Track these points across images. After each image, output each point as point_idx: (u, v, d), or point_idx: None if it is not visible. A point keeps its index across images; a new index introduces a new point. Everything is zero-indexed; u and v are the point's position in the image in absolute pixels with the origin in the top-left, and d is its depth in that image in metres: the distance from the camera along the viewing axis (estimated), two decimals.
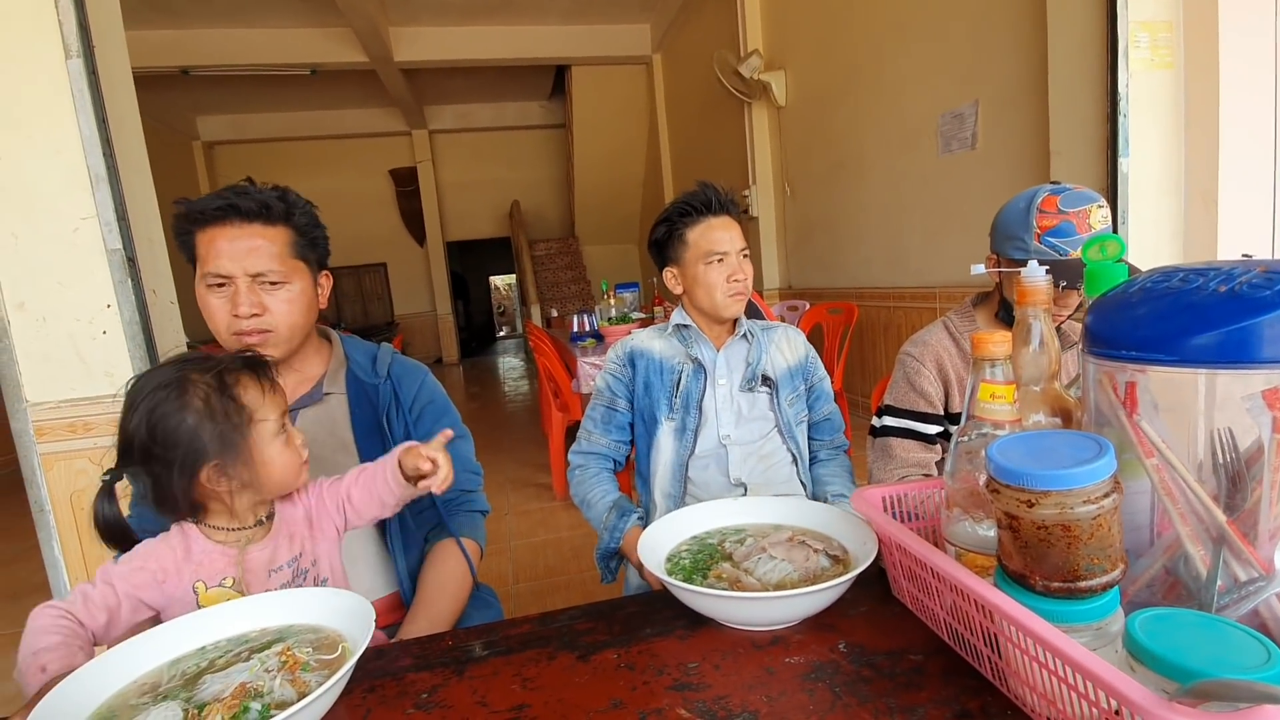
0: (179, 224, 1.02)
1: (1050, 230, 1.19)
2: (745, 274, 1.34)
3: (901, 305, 4.09)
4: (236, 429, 0.80)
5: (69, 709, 0.61)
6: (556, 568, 2.71)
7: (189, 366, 0.81)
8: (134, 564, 0.80)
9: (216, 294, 1.01)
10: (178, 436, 0.78)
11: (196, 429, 0.78)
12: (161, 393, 0.79)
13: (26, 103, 1.68)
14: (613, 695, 0.67)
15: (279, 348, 1.05)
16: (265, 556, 0.86)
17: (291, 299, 1.04)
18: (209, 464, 0.79)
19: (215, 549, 0.83)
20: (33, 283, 1.75)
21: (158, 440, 0.78)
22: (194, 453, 0.78)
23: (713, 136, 6.39)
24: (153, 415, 0.78)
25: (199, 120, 9.01)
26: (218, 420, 0.79)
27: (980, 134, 3.37)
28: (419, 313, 10.46)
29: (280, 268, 1.02)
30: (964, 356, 1.35)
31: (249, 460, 0.82)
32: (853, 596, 0.80)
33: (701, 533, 0.91)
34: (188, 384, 0.80)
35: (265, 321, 1.02)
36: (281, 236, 1.04)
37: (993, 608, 0.56)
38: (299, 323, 1.06)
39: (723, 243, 1.32)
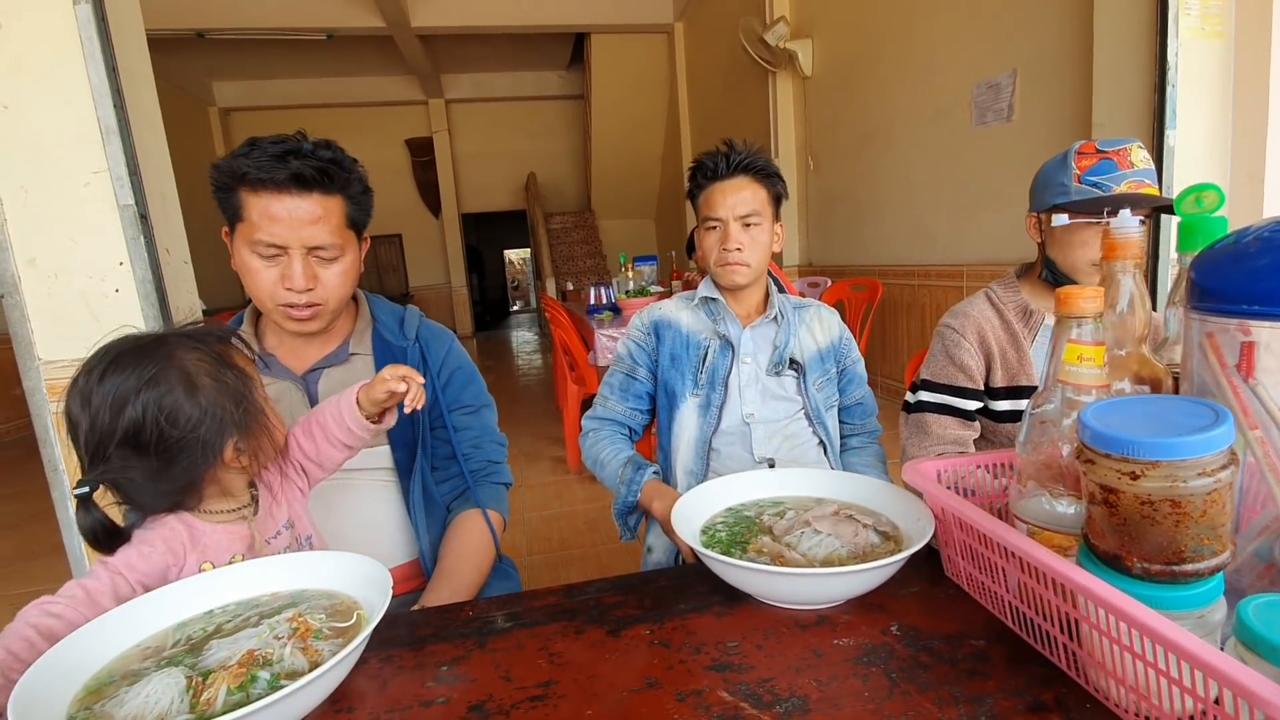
0: (222, 178, 0.93)
1: (1091, 169, 1.14)
2: (743, 243, 1.24)
3: (927, 284, 3.98)
4: (250, 400, 0.77)
5: (65, 672, 0.57)
6: (571, 540, 2.68)
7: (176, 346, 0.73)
8: (141, 550, 0.73)
9: (265, 262, 0.94)
10: (196, 418, 0.72)
11: (216, 406, 0.73)
12: (164, 377, 0.71)
13: (33, 50, 1.62)
14: (647, 674, 0.62)
15: (324, 320, 1.01)
16: (262, 525, 0.82)
17: (344, 271, 0.99)
18: (233, 439, 0.75)
19: (219, 529, 0.78)
20: (43, 238, 1.70)
21: (177, 428, 0.70)
22: (218, 430, 0.73)
23: (734, 108, 6.23)
24: (162, 405, 0.70)
25: (215, 86, 8.93)
26: (231, 391, 0.75)
27: (1017, 105, 3.23)
28: (433, 285, 10.42)
29: (338, 241, 0.96)
30: (1007, 329, 1.28)
31: (264, 428, 0.78)
32: (902, 576, 0.74)
33: (737, 504, 0.85)
34: (186, 366, 0.73)
35: (316, 295, 0.96)
36: (338, 207, 0.97)
37: (1083, 591, 0.50)
38: (347, 295, 1.02)
39: (719, 208, 1.25)
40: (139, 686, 0.55)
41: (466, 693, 0.61)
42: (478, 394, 1.18)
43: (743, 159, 1.25)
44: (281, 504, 0.86)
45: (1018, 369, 1.25)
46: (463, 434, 1.14)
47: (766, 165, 1.27)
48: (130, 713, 0.53)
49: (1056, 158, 1.20)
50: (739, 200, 1.24)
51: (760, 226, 1.25)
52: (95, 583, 0.68)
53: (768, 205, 1.27)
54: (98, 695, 0.56)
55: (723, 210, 1.25)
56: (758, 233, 1.25)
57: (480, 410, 1.19)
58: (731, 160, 1.25)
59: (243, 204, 0.92)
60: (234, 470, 0.78)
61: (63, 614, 0.64)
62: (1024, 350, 1.25)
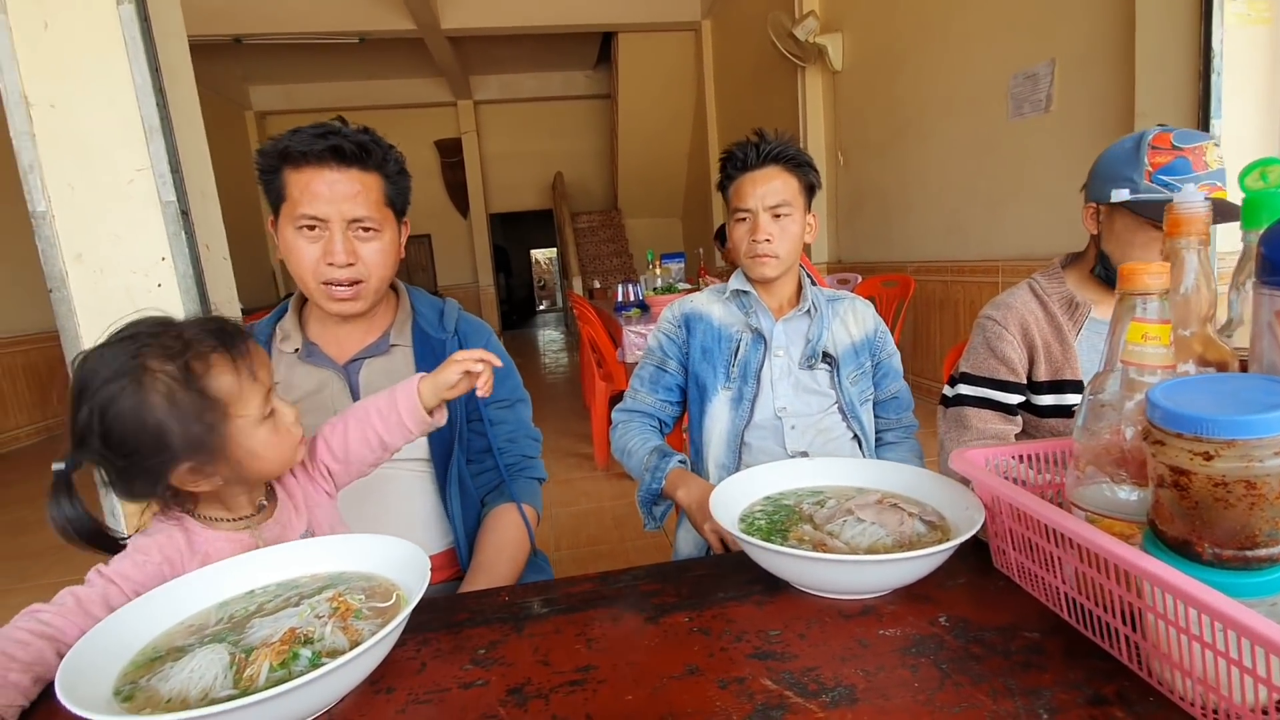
0: (267, 161, 0.96)
1: (1163, 168, 1.07)
2: (772, 234, 1.21)
3: (960, 279, 3.90)
4: (210, 428, 0.67)
5: (111, 647, 0.58)
6: (598, 536, 2.68)
7: (148, 349, 0.65)
8: (136, 559, 0.68)
9: (308, 237, 0.95)
10: (139, 438, 0.64)
11: (161, 429, 0.64)
12: (115, 385, 0.64)
13: (78, 49, 1.66)
14: (687, 660, 0.61)
15: (367, 300, 1.01)
16: (276, 533, 0.78)
17: (384, 249, 1.00)
18: (180, 467, 0.67)
19: (221, 536, 0.73)
20: (89, 234, 1.75)
21: (114, 440, 0.64)
22: (160, 454, 0.65)
23: (762, 105, 6.18)
24: (107, 412, 0.63)
25: (251, 90, 9.14)
26: (186, 419, 0.65)
27: (1056, 96, 3.15)
28: (461, 284, 10.52)
29: (377, 215, 0.97)
30: (1051, 321, 1.24)
31: (229, 457, 0.69)
32: (948, 567, 0.72)
33: (775, 493, 0.84)
34: (145, 374, 0.64)
35: (358, 271, 0.97)
36: (376, 183, 0.98)
37: (1152, 579, 0.47)
38: (387, 275, 1.03)
39: (748, 199, 1.23)
40: (184, 662, 0.56)
41: (505, 676, 0.60)
42: (514, 389, 1.18)
43: (773, 149, 1.23)
44: (302, 512, 0.81)
45: (1062, 362, 1.21)
46: (498, 428, 1.14)
47: (798, 154, 1.24)
48: (176, 687, 0.54)
49: (1127, 145, 1.11)
50: (769, 190, 1.22)
51: (790, 217, 1.23)
52: (88, 590, 0.66)
53: (799, 195, 1.24)
54: (144, 670, 0.57)
55: (752, 201, 1.23)
56: (788, 223, 1.23)
57: (515, 405, 1.19)
58: (761, 150, 1.23)
59: (286, 183, 0.95)
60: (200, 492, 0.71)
61: (52, 622, 0.62)
62: (1069, 343, 1.21)
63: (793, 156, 1.24)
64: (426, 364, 1.07)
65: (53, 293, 1.75)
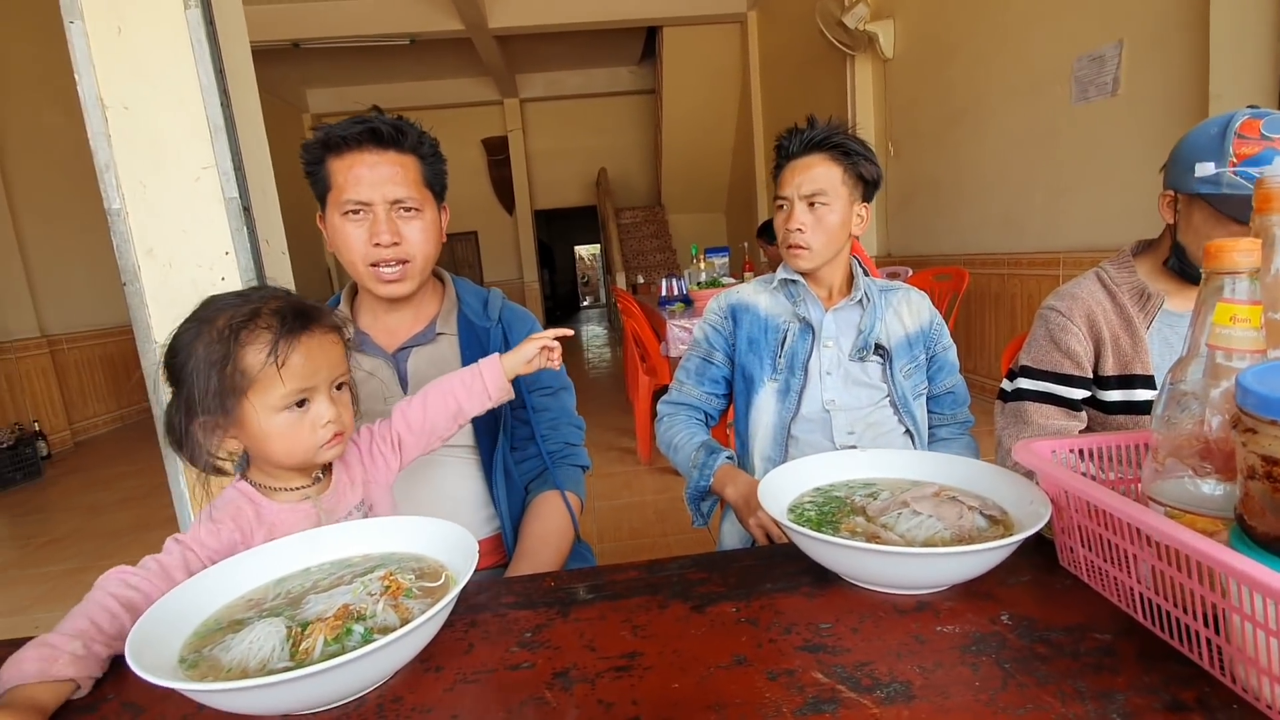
0: (312, 153, 1.00)
1: (1249, 159, 0.98)
2: (804, 224, 1.18)
3: (1017, 273, 3.74)
4: (227, 394, 0.70)
5: (176, 618, 0.61)
6: (640, 530, 2.68)
7: (228, 308, 0.71)
8: (212, 527, 0.72)
9: (354, 221, 0.99)
10: (179, 377, 0.71)
11: (193, 377, 0.69)
12: (189, 324, 0.71)
13: (150, 53, 1.74)
14: (734, 650, 0.59)
15: (414, 280, 1.04)
16: (333, 503, 0.81)
17: (425, 228, 1.02)
18: (197, 419, 0.71)
19: (283, 508, 0.76)
20: (159, 230, 1.84)
21: (170, 371, 0.72)
22: (187, 399, 0.70)
23: (809, 97, 6.06)
24: (175, 341, 0.71)
25: (308, 93, 9.46)
26: (209, 376, 0.69)
27: (1123, 78, 2.99)
28: (507, 280, 10.68)
29: (417, 195, 1.01)
30: (1120, 313, 1.17)
31: (244, 429, 0.72)
32: (1011, 564, 0.69)
33: (825, 484, 0.81)
34: (208, 326, 0.70)
35: (403, 251, 1.00)
36: (414, 164, 1.02)
37: (1241, 578, 0.44)
38: (431, 254, 1.05)
39: (787, 186, 1.20)
40: (243, 634, 0.58)
41: (551, 659, 0.60)
42: (556, 376, 1.18)
43: (815, 135, 1.19)
44: (358, 486, 0.84)
45: (1131, 356, 1.14)
46: (541, 415, 1.15)
47: (844, 142, 1.19)
48: (236, 657, 0.55)
49: (1212, 131, 1.01)
50: (806, 179, 1.18)
51: (829, 207, 1.18)
52: (168, 557, 0.69)
53: (841, 185, 1.19)
54: (206, 640, 0.59)
55: (790, 189, 1.20)
56: (824, 213, 1.18)
57: (559, 392, 1.19)
58: (805, 137, 1.20)
59: (330, 171, 0.99)
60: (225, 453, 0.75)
61: (139, 586, 0.65)
62: (1139, 336, 1.14)
63: (839, 144, 1.19)
64: (471, 352, 1.08)
65: (126, 286, 1.84)
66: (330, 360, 0.76)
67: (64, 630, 0.60)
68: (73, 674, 0.57)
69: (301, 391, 0.73)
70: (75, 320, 5.21)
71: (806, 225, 1.18)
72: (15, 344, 4.60)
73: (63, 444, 4.89)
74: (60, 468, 4.47)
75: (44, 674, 0.56)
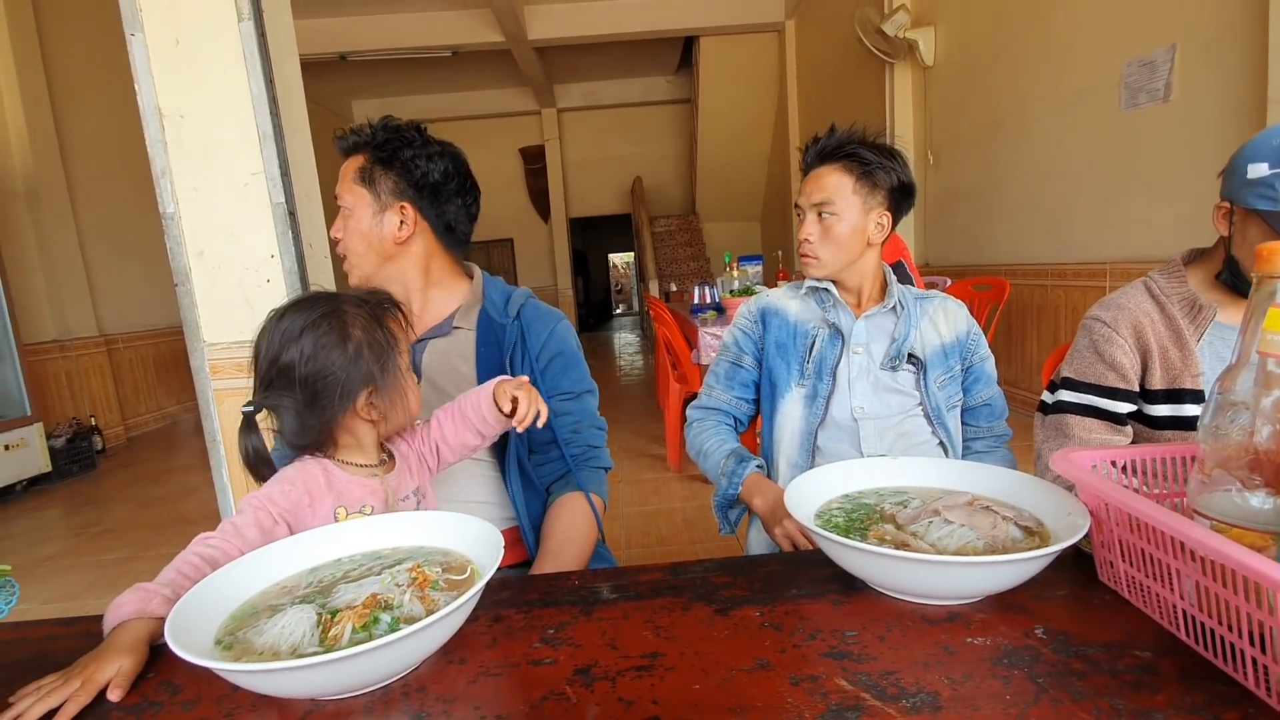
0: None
1: None
2: (812, 234, 1.19)
3: (1062, 284, 3.64)
4: (390, 357, 0.83)
5: (214, 602, 0.63)
6: (669, 537, 2.67)
7: (343, 302, 0.84)
8: (283, 486, 0.80)
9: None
10: (341, 364, 0.80)
11: (358, 356, 0.81)
12: (324, 324, 0.81)
13: (206, 65, 1.82)
14: (757, 655, 0.59)
15: (353, 274, 1.11)
16: (394, 485, 0.87)
17: (352, 226, 1.08)
18: (367, 389, 0.82)
19: (353, 480, 0.84)
20: (209, 233, 1.91)
21: (321, 368, 0.80)
22: (355, 378, 0.81)
23: (847, 105, 6.01)
24: (318, 344, 0.80)
25: (354, 104, 9.75)
26: (376, 348, 0.82)
27: (1176, 84, 2.89)
28: (541, 286, 10.79)
29: (347, 194, 1.08)
30: (1169, 324, 1.12)
31: (395, 388, 0.84)
32: (1047, 577, 0.67)
33: (854, 491, 0.80)
34: (347, 315, 0.82)
35: (342, 247, 1.10)
36: (354, 164, 1.08)
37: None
38: (357, 249, 1.09)
39: (802, 196, 1.22)
40: (277, 619, 0.59)
41: (573, 656, 0.61)
42: (578, 379, 1.18)
43: (825, 145, 1.20)
44: (414, 474, 0.92)
45: (1181, 370, 1.10)
46: (562, 419, 1.14)
47: (856, 150, 1.17)
48: (269, 641, 0.57)
49: (1274, 141, 0.96)
50: (816, 188, 1.19)
51: (836, 216, 1.17)
52: (241, 517, 0.77)
53: (852, 194, 1.17)
54: (242, 623, 0.61)
55: (803, 198, 1.21)
56: (832, 223, 1.17)
57: (582, 395, 1.18)
58: (817, 148, 1.21)
59: None
60: (365, 423, 0.84)
61: (218, 545, 0.72)
62: (1189, 349, 1.09)
63: (850, 153, 1.18)
64: (487, 347, 1.10)
65: (178, 287, 1.92)
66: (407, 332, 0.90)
67: (157, 580, 0.68)
68: (164, 613, 0.63)
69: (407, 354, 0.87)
70: (130, 320, 5.44)
71: (814, 235, 1.19)
72: (75, 342, 4.82)
73: (116, 439, 5.09)
74: (113, 461, 4.66)
75: (140, 612, 0.63)
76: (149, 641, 0.63)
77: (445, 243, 1.14)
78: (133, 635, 0.62)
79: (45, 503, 3.80)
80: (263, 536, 0.75)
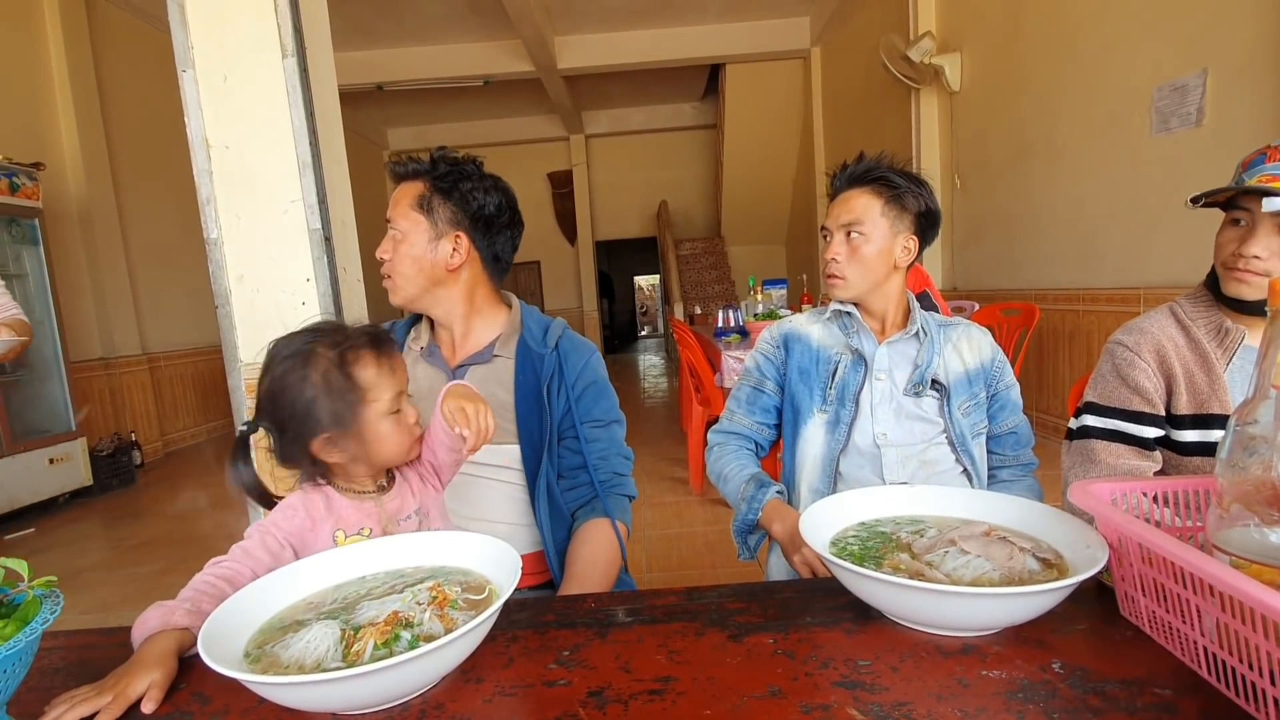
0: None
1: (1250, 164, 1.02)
2: (839, 254, 1.19)
3: (1094, 309, 3.57)
4: (350, 406, 0.81)
5: (242, 617, 0.65)
6: (690, 561, 2.66)
7: (318, 338, 0.83)
8: (286, 513, 0.84)
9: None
10: (295, 406, 0.80)
11: (312, 401, 0.80)
12: (288, 362, 0.81)
13: (252, 98, 1.91)
14: (769, 682, 0.59)
15: (397, 294, 1.14)
16: (394, 507, 0.89)
17: (404, 250, 1.11)
18: (320, 436, 0.81)
19: (350, 504, 0.86)
20: (249, 258, 1.99)
21: (280, 406, 0.81)
22: (308, 423, 0.80)
23: (873, 130, 6.02)
24: (276, 383, 0.81)
25: (389, 132, 10.07)
26: (332, 396, 0.80)
27: (1208, 108, 2.85)
28: (567, 309, 10.90)
29: (401, 218, 1.11)
30: (1195, 348, 1.10)
31: (359, 436, 0.83)
32: (1065, 611, 0.66)
33: (870, 519, 0.80)
34: (311, 357, 0.81)
35: (388, 267, 1.12)
36: (412, 190, 1.12)
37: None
38: (407, 273, 1.12)
39: (829, 218, 1.22)
40: (302, 634, 0.61)
41: (586, 678, 0.62)
42: (608, 409, 1.21)
43: (856, 170, 1.22)
44: (415, 494, 0.92)
45: (1208, 395, 1.08)
46: (592, 445, 1.17)
47: (885, 175, 1.20)
48: (294, 655, 0.59)
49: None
50: (845, 210, 1.21)
51: (864, 237, 1.18)
52: (248, 541, 0.81)
53: (881, 216, 1.19)
54: (269, 637, 0.63)
55: (831, 220, 1.22)
56: (860, 243, 1.19)
57: (610, 425, 1.21)
58: (848, 173, 1.23)
59: None
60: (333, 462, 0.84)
61: (231, 566, 0.77)
62: (1216, 374, 1.08)
63: (879, 176, 1.20)
64: (525, 375, 1.13)
65: (219, 309, 2.00)
66: (405, 371, 0.89)
67: (177, 598, 0.72)
68: (187, 624, 0.67)
69: (397, 399, 0.85)
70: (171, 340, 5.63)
71: (841, 255, 1.20)
72: (120, 360, 5.00)
73: (154, 454, 5.25)
74: (151, 475, 4.80)
75: (165, 623, 0.67)
76: (177, 654, 0.66)
77: (490, 272, 1.19)
78: (160, 648, 0.65)
79: (85, 515, 3.92)
80: (272, 559, 0.80)
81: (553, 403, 1.13)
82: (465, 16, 6.51)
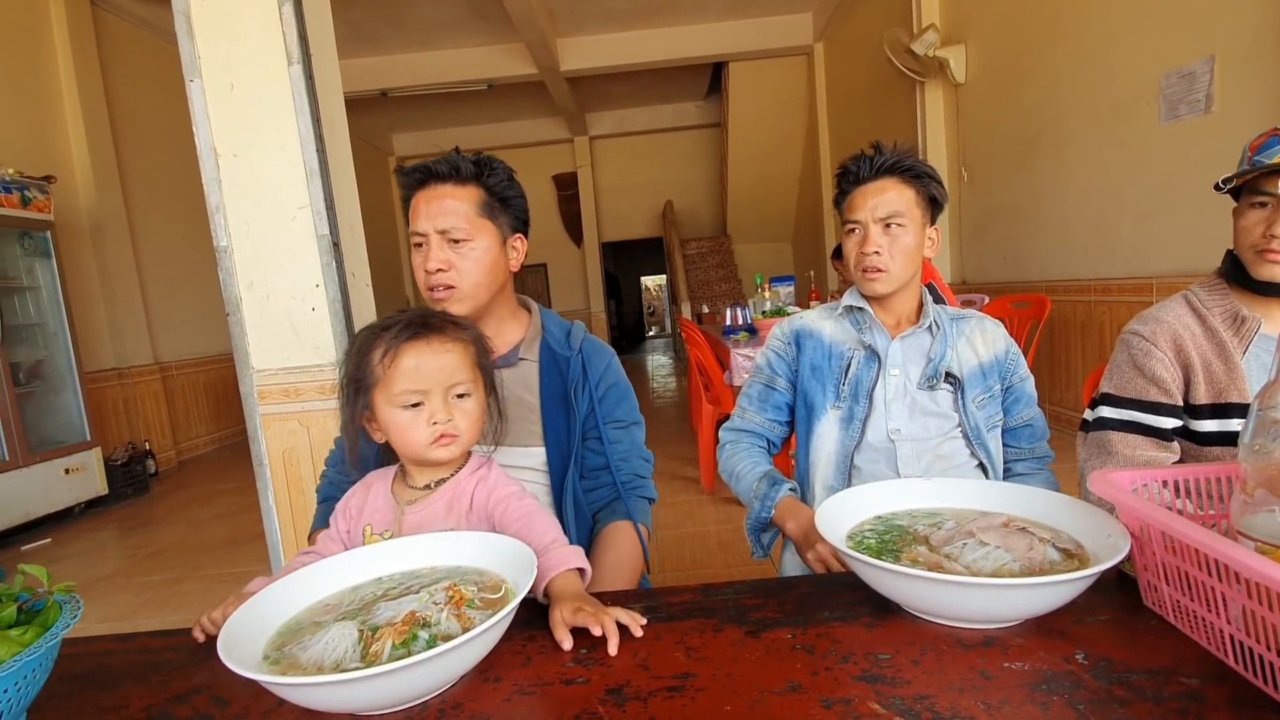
0: (404, 194, 1.12)
1: (1261, 146, 1.03)
2: (881, 247, 1.16)
3: (1105, 299, 3.54)
4: (364, 386, 0.86)
5: (262, 619, 0.66)
6: (703, 560, 2.65)
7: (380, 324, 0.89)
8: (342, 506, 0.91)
9: (417, 252, 1.09)
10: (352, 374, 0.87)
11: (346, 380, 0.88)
12: (366, 330, 0.89)
13: (258, 107, 1.93)
14: (789, 677, 0.59)
15: (463, 304, 1.09)
16: (417, 520, 0.86)
17: (476, 257, 1.08)
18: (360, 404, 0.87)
19: (386, 505, 0.88)
20: (259, 265, 2.00)
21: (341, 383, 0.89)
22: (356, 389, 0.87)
23: (878, 125, 5.99)
24: (355, 346, 0.89)
25: (394, 137, 10.11)
26: (360, 372, 0.86)
27: (1216, 95, 2.82)
28: (575, 310, 10.91)
29: (465, 225, 1.06)
30: (1212, 337, 1.09)
31: (378, 419, 0.87)
32: (1088, 602, 0.65)
33: (887, 513, 0.79)
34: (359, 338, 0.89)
35: (449, 277, 1.07)
36: (471, 196, 1.08)
37: None
38: (481, 281, 1.09)
39: (859, 210, 1.18)
40: (320, 635, 0.62)
41: (604, 676, 0.61)
42: (630, 411, 1.21)
43: (887, 160, 1.18)
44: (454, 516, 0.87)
45: (1226, 383, 1.07)
46: (614, 446, 1.17)
47: (915, 165, 1.18)
48: (313, 656, 0.59)
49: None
50: (880, 201, 1.17)
51: (904, 229, 1.17)
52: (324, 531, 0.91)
53: (915, 207, 1.18)
54: (288, 639, 0.63)
55: (862, 213, 1.18)
56: (900, 235, 1.17)
57: (631, 427, 1.21)
58: (875, 162, 1.19)
59: (410, 208, 1.09)
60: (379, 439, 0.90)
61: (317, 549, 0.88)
62: (1234, 362, 1.06)
63: (909, 167, 1.18)
64: (550, 378, 1.13)
65: (230, 316, 2.01)
66: (446, 368, 0.85)
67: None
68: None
69: (415, 393, 0.83)
70: (183, 349, 5.68)
71: (883, 248, 1.17)
72: (133, 370, 5.04)
73: (168, 462, 5.29)
74: (165, 484, 4.84)
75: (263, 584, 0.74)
76: None
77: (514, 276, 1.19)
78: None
79: (101, 524, 3.96)
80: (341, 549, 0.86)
81: (578, 403, 1.13)
82: (468, 21, 6.53)
